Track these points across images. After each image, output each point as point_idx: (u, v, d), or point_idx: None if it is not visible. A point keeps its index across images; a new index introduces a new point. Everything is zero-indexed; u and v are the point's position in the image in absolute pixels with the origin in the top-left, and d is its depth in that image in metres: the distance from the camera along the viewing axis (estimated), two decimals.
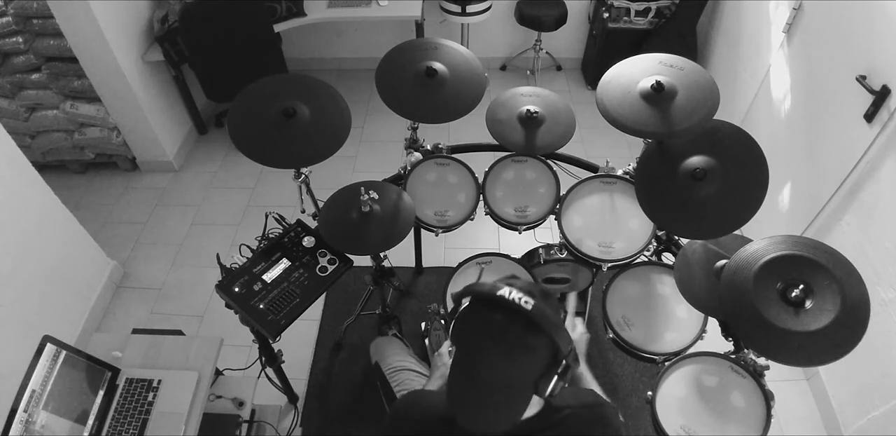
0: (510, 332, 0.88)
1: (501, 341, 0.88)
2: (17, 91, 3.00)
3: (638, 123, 1.48)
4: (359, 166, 3.41)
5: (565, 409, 1.02)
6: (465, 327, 0.93)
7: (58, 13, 2.62)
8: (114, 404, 1.58)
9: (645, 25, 3.50)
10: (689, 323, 1.66)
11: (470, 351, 0.92)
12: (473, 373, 0.91)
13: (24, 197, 2.25)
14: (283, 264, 1.67)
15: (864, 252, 1.97)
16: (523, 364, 0.89)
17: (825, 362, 1.16)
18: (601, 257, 1.80)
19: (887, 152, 1.90)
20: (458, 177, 1.92)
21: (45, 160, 3.27)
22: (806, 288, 1.17)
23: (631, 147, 3.39)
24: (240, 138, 1.61)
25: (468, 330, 0.93)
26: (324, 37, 4.00)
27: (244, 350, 2.40)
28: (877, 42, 1.94)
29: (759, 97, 2.80)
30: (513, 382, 0.90)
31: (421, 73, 1.74)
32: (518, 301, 0.88)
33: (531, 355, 0.89)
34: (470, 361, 0.91)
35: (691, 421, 1.40)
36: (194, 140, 3.62)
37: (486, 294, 0.91)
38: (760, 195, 1.43)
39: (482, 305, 0.92)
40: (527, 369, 0.90)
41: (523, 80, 4.02)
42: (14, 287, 2.14)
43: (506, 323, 0.89)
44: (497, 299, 0.89)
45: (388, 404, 1.72)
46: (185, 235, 3.04)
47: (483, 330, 0.90)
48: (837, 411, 2.13)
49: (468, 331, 0.93)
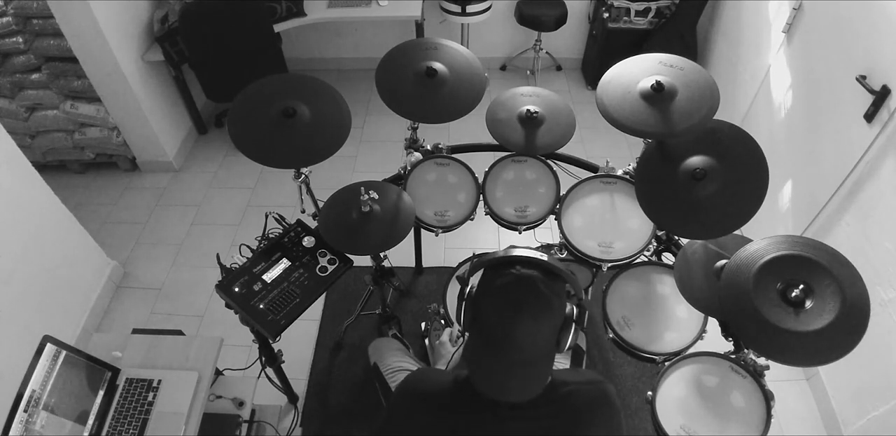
0: (530, 285, 0.91)
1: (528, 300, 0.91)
2: (17, 91, 3.00)
3: (638, 123, 1.48)
4: (359, 166, 3.41)
5: (569, 384, 1.04)
6: (485, 297, 0.95)
7: (58, 13, 2.62)
8: (114, 404, 1.58)
9: (645, 25, 3.50)
10: (689, 323, 1.66)
11: (492, 322, 0.93)
12: (499, 344, 0.92)
13: (24, 197, 2.25)
14: (283, 264, 1.66)
15: (864, 252, 1.97)
16: (547, 319, 0.92)
17: (825, 362, 1.16)
18: (601, 257, 1.80)
19: (887, 152, 1.89)
20: (458, 177, 1.92)
21: (45, 160, 3.27)
22: (806, 288, 1.17)
23: (631, 147, 3.39)
24: (240, 138, 1.61)
25: (489, 298, 0.95)
26: (324, 37, 4.00)
27: (244, 350, 2.40)
28: (877, 42, 1.94)
29: (759, 97, 2.80)
30: (539, 345, 0.93)
31: (421, 73, 1.74)
32: (532, 255, 0.94)
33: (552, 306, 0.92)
34: (494, 332, 0.93)
35: (691, 421, 1.40)
36: (194, 140, 3.62)
37: (500, 258, 0.95)
38: (760, 195, 1.43)
39: (497, 271, 0.94)
40: (550, 325, 0.93)
41: (523, 80, 4.02)
42: (14, 287, 2.14)
43: (525, 278, 0.92)
44: (511, 258, 0.94)
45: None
46: (185, 235, 3.04)
47: (504, 292, 0.92)
48: (837, 411, 2.13)
49: (488, 299, 0.95)
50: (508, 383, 0.96)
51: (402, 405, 1.12)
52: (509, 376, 0.96)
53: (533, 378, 0.97)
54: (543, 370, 0.98)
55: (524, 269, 0.92)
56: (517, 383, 0.96)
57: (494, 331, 0.93)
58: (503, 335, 0.92)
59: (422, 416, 1.06)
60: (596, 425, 1.02)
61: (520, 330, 0.91)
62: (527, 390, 0.97)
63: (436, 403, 1.06)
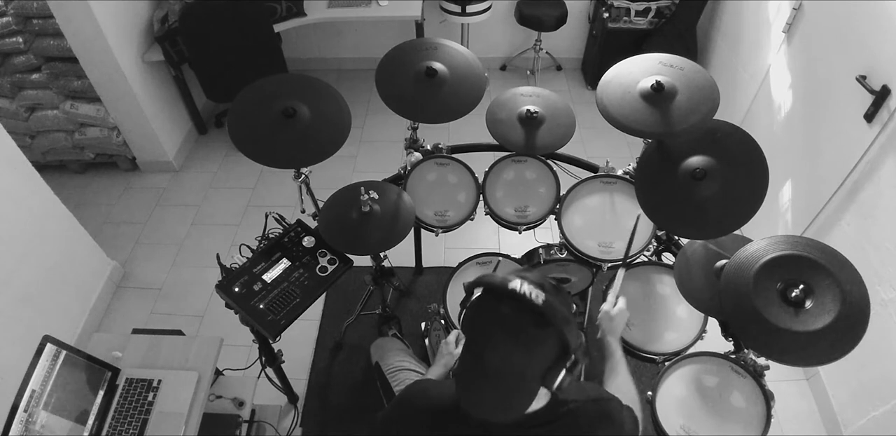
0: (520, 324, 0.90)
1: (510, 332, 0.90)
2: (17, 91, 3.00)
3: (638, 122, 1.48)
4: (359, 166, 3.41)
5: (571, 402, 1.03)
6: (476, 317, 0.95)
7: (58, 13, 2.62)
8: (114, 404, 1.58)
9: (645, 25, 3.50)
10: (689, 323, 1.66)
11: (479, 340, 0.93)
12: (482, 360, 0.92)
13: (24, 197, 2.25)
14: (283, 264, 1.66)
15: (864, 252, 1.97)
16: (532, 355, 0.90)
17: (825, 362, 1.16)
18: (601, 257, 1.80)
19: (887, 152, 1.89)
20: (458, 177, 1.92)
21: (45, 160, 3.26)
22: (806, 288, 1.17)
23: (631, 147, 3.39)
24: (240, 138, 1.61)
25: (478, 320, 0.94)
26: (324, 37, 4.00)
27: (244, 350, 2.40)
28: (877, 42, 1.94)
29: (759, 97, 2.80)
30: (520, 371, 0.91)
31: (421, 73, 1.74)
32: (529, 295, 0.89)
33: (539, 346, 0.90)
34: (479, 348, 0.93)
35: (691, 421, 1.40)
36: (194, 140, 3.62)
37: (498, 286, 0.92)
38: (760, 195, 1.43)
39: (493, 297, 0.93)
40: (535, 360, 0.91)
41: (523, 80, 4.02)
42: (14, 287, 2.14)
43: (516, 315, 0.90)
44: (509, 292, 0.90)
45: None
46: (185, 235, 3.04)
47: (493, 321, 0.91)
48: (837, 411, 2.13)
49: (478, 320, 0.94)
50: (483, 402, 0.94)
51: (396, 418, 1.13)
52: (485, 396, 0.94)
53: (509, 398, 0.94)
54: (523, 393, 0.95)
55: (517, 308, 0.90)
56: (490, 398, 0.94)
57: (474, 348, 0.94)
58: (479, 354, 0.92)
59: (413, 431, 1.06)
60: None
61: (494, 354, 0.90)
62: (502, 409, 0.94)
63: (429, 419, 1.06)
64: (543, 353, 0.91)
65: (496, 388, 0.92)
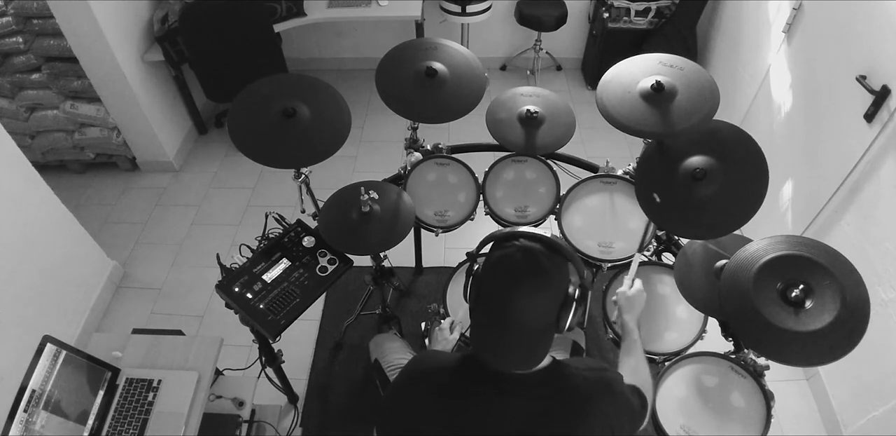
0: (534, 259, 0.95)
1: (528, 271, 0.95)
2: (17, 91, 3.00)
3: (638, 122, 1.48)
4: (359, 166, 3.41)
5: (572, 368, 1.06)
6: (490, 270, 0.98)
7: (58, 13, 2.62)
8: (114, 404, 1.58)
9: (645, 25, 3.50)
10: (689, 323, 1.66)
11: (494, 294, 0.97)
12: (504, 313, 0.96)
13: (24, 197, 2.25)
14: (283, 264, 1.67)
15: (864, 252, 1.97)
16: (545, 290, 0.96)
17: (825, 362, 1.16)
18: (601, 257, 1.80)
19: (887, 152, 1.89)
20: (458, 177, 1.92)
21: (45, 160, 3.26)
22: (806, 288, 1.17)
23: (631, 147, 3.39)
24: (240, 138, 1.61)
25: (493, 270, 0.98)
26: (324, 37, 4.00)
27: (244, 350, 2.40)
28: (877, 42, 1.94)
29: (759, 97, 2.80)
30: (537, 317, 0.97)
31: (421, 73, 1.74)
32: (536, 231, 0.99)
33: (551, 279, 0.96)
34: (496, 304, 0.97)
35: (691, 421, 1.40)
36: (194, 140, 3.62)
37: (507, 232, 1.01)
38: (760, 195, 1.43)
39: (501, 244, 0.99)
40: (548, 297, 0.97)
41: (523, 80, 4.02)
42: (14, 287, 2.14)
43: (528, 252, 0.96)
44: (518, 233, 0.99)
45: None
46: (185, 235, 3.04)
47: (509, 266, 0.96)
48: (837, 411, 2.13)
49: (493, 271, 0.98)
50: (508, 351, 1.00)
51: (404, 384, 1.13)
52: (508, 345, 0.99)
53: (532, 349, 1.01)
54: (543, 342, 1.01)
55: (527, 241, 0.97)
56: (516, 351, 1.00)
57: (494, 300, 0.98)
58: (502, 304, 0.96)
59: (422, 395, 1.07)
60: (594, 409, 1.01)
61: (517, 299, 0.95)
62: (526, 360, 1.01)
63: (437, 380, 1.07)
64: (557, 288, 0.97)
65: (519, 339, 0.98)
